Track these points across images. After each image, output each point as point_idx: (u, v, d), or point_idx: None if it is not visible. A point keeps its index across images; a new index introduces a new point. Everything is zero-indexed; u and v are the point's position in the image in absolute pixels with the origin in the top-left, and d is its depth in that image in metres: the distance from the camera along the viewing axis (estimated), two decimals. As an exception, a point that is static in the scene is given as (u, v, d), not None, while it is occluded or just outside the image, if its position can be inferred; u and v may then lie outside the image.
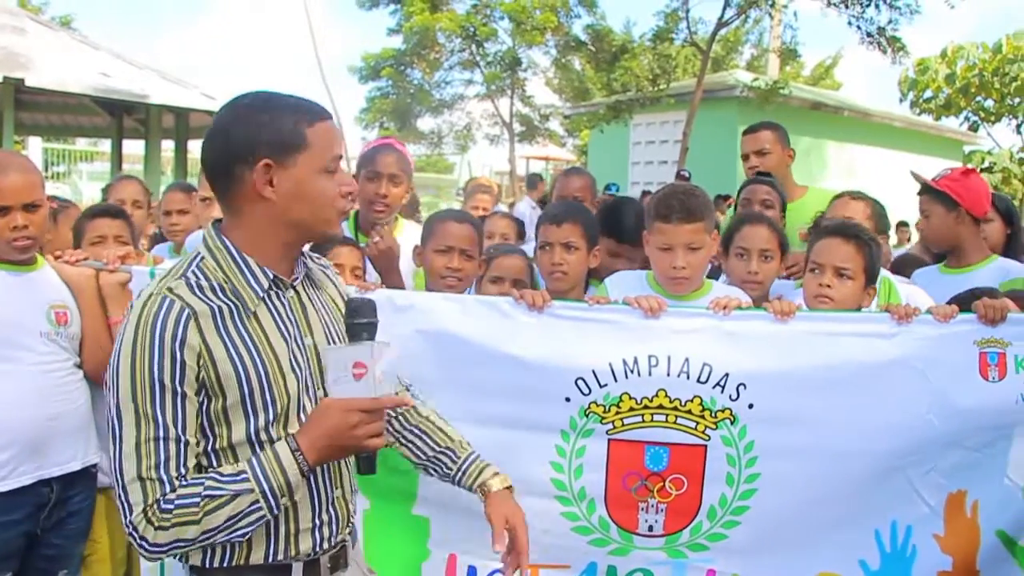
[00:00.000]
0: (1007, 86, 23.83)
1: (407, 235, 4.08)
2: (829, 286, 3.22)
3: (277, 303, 2.11)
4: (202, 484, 1.94)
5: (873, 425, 3.03)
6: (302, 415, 2.08)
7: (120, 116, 15.22)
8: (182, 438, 1.95)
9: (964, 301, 3.17)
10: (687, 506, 3.10)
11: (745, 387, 3.01)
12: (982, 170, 26.62)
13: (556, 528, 3.13)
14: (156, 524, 1.91)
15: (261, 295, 2.06)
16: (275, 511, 2.00)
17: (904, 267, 4.53)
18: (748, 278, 3.57)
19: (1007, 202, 4.79)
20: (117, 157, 15.79)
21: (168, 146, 16.75)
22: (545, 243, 3.53)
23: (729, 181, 14.43)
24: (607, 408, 3.06)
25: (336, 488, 2.22)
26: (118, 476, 1.94)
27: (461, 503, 3.11)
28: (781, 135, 4.83)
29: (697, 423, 3.05)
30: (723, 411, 3.03)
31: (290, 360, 2.07)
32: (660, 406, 3.05)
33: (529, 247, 4.02)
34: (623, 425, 3.07)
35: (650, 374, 3.02)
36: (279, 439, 2.03)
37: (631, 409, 3.06)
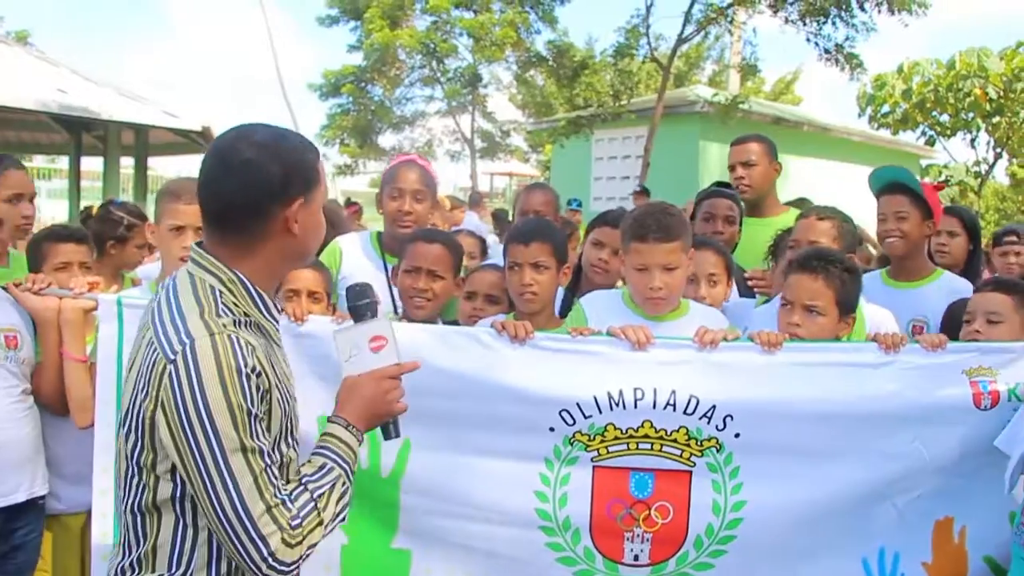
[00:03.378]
0: (961, 101, 24.21)
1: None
2: (799, 324, 3.16)
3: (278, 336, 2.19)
4: (306, 489, 2.05)
5: (861, 454, 3.01)
6: (293, 441, 2.15)
7: (79, 133, 14.93)
8: (276, 459, 2.03)
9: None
10: (673, 535, 3.05)
11: (732, 418, 2.98)
12: (939, 183, 27.07)
13: (540, 559, 3.08)
14: (294, 542, 1.98)
15: (277, 328, 2.15)
16: (353, 483, 2.17)
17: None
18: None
19: (973, 217, 4.81)
20: (75, 175, 15.51)
21: (128, 163, 16.50)
22: (514, 263, 3.45)
23: (691, 196, 14.47)
24: (592, 436, 3.01)
25: None
26: (240, 517, 1.92)
27: (444, 536, 3.10)
28: (769, 148, 4.79)
29: (683, 451, 3.01)
30: (709, 440, 3.00)
31: (293, 392, 2.17)
32: (645, 435, 3.01)
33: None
34: (608, 452, 3.02)
35: (635, 406, 2.97)
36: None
37: (616, 438, 3.01)
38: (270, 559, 1.95)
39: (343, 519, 2.16)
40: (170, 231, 3.22)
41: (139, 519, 2.06)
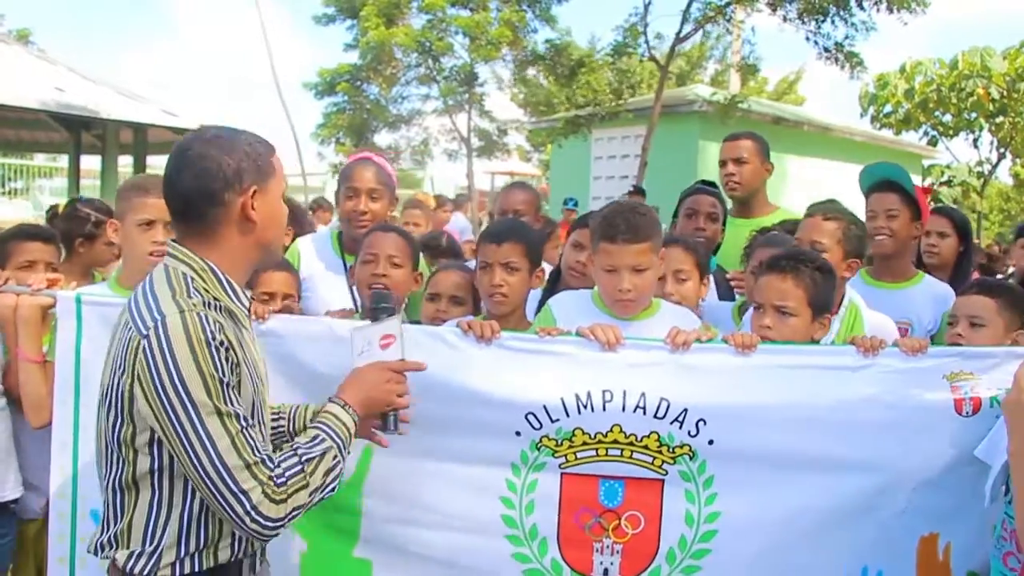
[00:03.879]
0: (963, 101, 24.09)
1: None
2: (770, 326, 3.05)
3: (248, 323, 2.34)
4: (295, 453, 2.20)
5: (839, 463, 2.89)
6: (261, 424, 2.26)
7: (78, 131, 14.97)
8: (254, 423, 2.17)
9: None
10: (644, 548, 2.94)
11: (705, 423, 2.87)
12: (941, 183, 26.94)
13: (506, 571, 2.98)
14: (277, 498, 2.10)
15: (247, 313, 2.30)
16: (345, 462, 2.31)
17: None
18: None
19: (964, 218, 4.73)
20: (75, 173, 15.56)
21: (126, 162, 16.47)
22: (485, 263, 3.34)
23: (690, 196, 14.36)
24: (559, 442, 2.90)
25: None
26: (220, 473, 2.05)
27: (406, 545, 3.01)
28: (762, 147, 4.71)
29: (654, 458, 2.90)
30: (681, 447, 2.89)
31: (262, 373, 2.32)
32: (615, 441, 2.90)
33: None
34: (576, 459, 2.92)
35: (604, 409, 2.87)
36: None
37: (584, 443, 2.91)
38: (253, 512, 2.07)
39: (332, 490, 2.26)
40: (139, 226, 3.13)
41: (118, 496, 2.20)
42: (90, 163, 16.35)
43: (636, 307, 3.17)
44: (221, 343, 2.10)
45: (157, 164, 17.91)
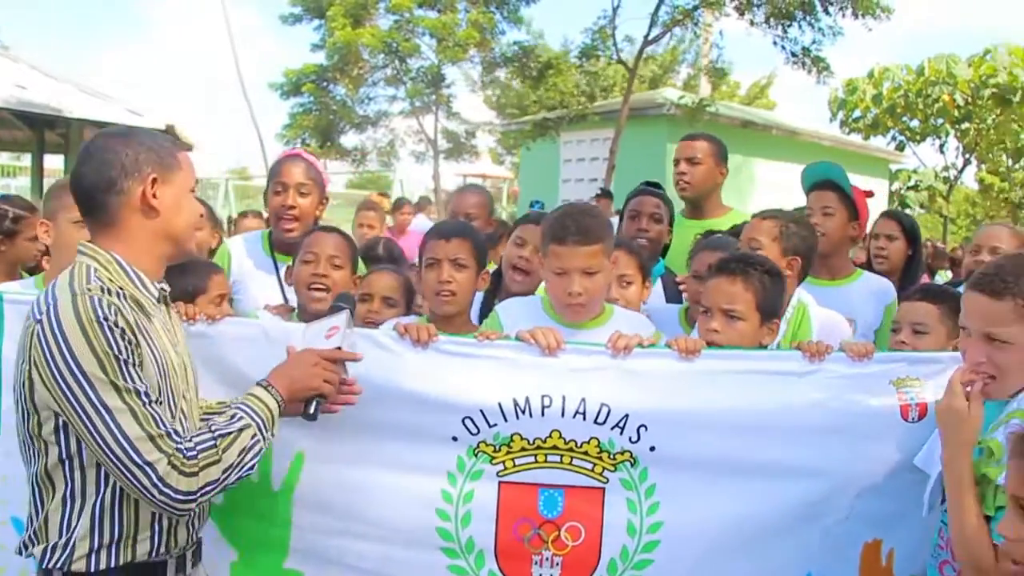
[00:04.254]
0: (930, 107, 24.35)
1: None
2: (717, 330, 2.98)
3: (159, 313, 2.34)
4: (208, 429, 2.22)
5: (784, 470, 2.83)
6: (181, 416, 2.29)
7: (41, 130, 14.71)
8: (159, 399, 2.18)
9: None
10: (585, 559, 2.85)
11: (646, 429, 2.79)
12: (908, 188, 27.21)
13: None
14: (187, 471, 2.11)
15: (154, 302, 2.31)
16: (267, 443, 2.32)
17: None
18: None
19: (912, 222, 4.75)
20: (38, 172, 15.25)
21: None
22: (432, 259, 3.22)
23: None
24: (497, 447, 2.82)
25: None
26: (123, 446, 2.07)
27: (338, 557, 2.92)
28: (718, 149, 4.65)
29: (594, 464, 2.82)
30: (622, 453, 2.81)
31: (175, 363, 2.32)
32: (554, 447, 2.81)
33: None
34: (515, 466, 2.83)
35: (543, 414, 2.78)
36: None
37: (523, 449, 2.82)
38: (160, 484, 2.08)
39: (250, 469, 2.27)
40: (75, 223, 3.04)
41: (38, 491, 2.23)
42: (54, 162, 16.10)
43: (586, 312, 3.08)
44: (116, 323, 2.11)
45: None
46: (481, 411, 2.79)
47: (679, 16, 16.59)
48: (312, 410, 2.47)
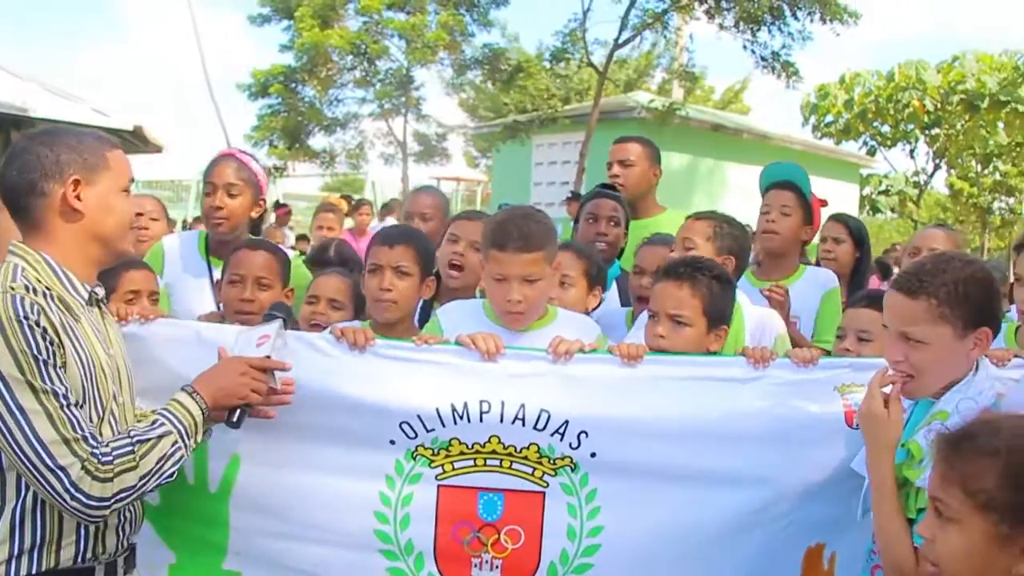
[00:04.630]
0: (900, 112, 24.58)
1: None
2: (663, 336, 2.95)
3: (89, 315, 2.32)
4: (127, 435, 2.19)
5: (727, 476, 2.80)
6: (111, 419, 2.27)
7: (7, 130, 14.49)
8: (78, 402, 2.13)
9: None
10: (524, 562, 2.82)
11: (587, 435, 2.76)
12: (879, 192, 27.44)
13: None
14: (102, 476, 2.08)
15: (83, 304, 2.28)
16: (189, 451, 2.30)
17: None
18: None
19: (859, 224, 4.79)
20: (3, 173, 15.01)
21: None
22: (374, 265, 3.17)
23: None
24: (436, 451, 2.79)
25: None
26: (36, 449, 2.04)
27: (278, 559, 2.88)
28: (651, 152, 4.68)
29: (534, 469, 2.79)
30: (563, 459, 2.78)
31: (105, 365, 2.29)
32: (493, 451, 2.79)
33: None
34: (454, 469, 2.80)
35: (481, 420, 2.75)
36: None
37: (462, 453, 2.79)
38: (72, 489, 2.05)
39: (170, 476, 2.25)
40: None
41: None
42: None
43: (525, 319, 3.05)
44: (37, 323, 2.09)
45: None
46: (419, 416, 2.76)
47: (649, 20, 16.63)
48: (235, 418, 2.44)
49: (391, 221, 11.57)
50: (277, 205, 13.89)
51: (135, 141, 13.85)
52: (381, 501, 2.82)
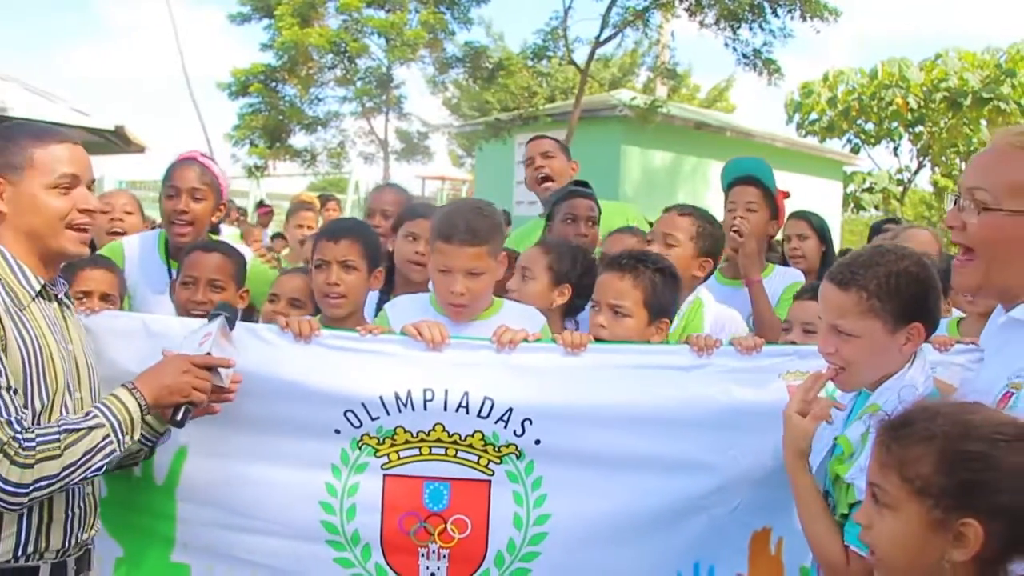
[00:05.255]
0: (884, 110, 24.70)
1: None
2: (603, 325, 2.98)
3: (45, 308, 2.32)
4: (56, 424, 2.16)
5: (673, 463, 2.81)
6: (63, 411, 2.25)
7: (-14, 129, 14.41)
8: (11, 386, 2.11)
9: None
10: (472, 552, 2.83)
11: (531, 422, 2.77)
12: (863, 190, 27.56)
13: (329, 575, 2.84)
14: (21, 461, 2.05)
15: (33, 295, 2.28)
16: (123, 446, 2.25)
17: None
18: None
19: (822, 221, 4.82)
20: (-19, 172, 14.88)
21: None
22: (320, 260, 3.19)
23: (612, 198, 14.46)
24: (381, 440, 2.79)
25: (88, 484, 2.35)
26: None
27: (226, 550, 2.89)
28: (562, 147, 4.97)
29: (480, 457, 2.80)
30: (507, 446, 2.79)
31: (59, 354, 2.28)
32: (438, 439, 2.79)
33: None
34: (399, 458, 2.81)
35: (425, 408, 2.76)
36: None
37: (407, 442, 2.80)
38: None
39: (97, 471, 2.22)
40: None
41: None
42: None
43: (468, 312, 3.08)
44: None
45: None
46: (363, 404, 2.77)
47: (630, 17, 16.64)
48: (180, 417, 2.43)
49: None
50: (260, 204, 13.83)
51: (117, 141, 13.77)
52: (327, 491, 2.82)
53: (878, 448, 1.78)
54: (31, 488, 2.07)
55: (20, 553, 2.18)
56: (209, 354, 2.47)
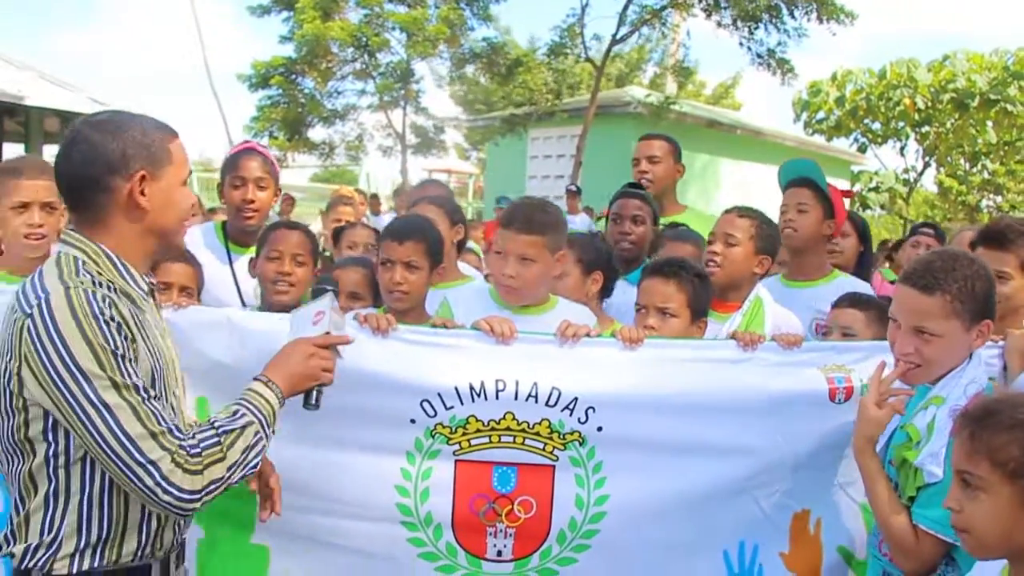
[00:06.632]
0: (891, 110, 24.77)
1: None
2: (652, 327, 3.21)
3: (150, 308, 2.29)
4: (211, 426, 2.14)
5: (721, 448, 3.03)
6: (172, 412, 2.22)
7: (0, 118, 14.48)
8: (155, 394, 2.10)
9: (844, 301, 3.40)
10: (536, 530, 3.03)
11: (594, 410, 2.96)
12: (870, 189, 27.66)
13: (402, 555, 3.03)
14: (191, 469, 2.04)
15: (144, 296, 2.25)
16: (270, 440, 2.25)
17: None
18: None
19: (863, 219, 4.91)
20: (-6, 161, 14.87)
21: (52, 151, 16.03)
22: (387, 260, 3.40)
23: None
24: (453, 429, 2.97)
25: None
26: (124, 445, 1.99)
27: (303, 532, 3.05)
28: (674, 148, 4.81)
29: (545, 444, 2.99)
30: (572, 433, 2.97)
31: (167, 353, 2.27)
32: (508, 428, 2.97)
33: None
34: (470, 446, 2.99)
35: (497, 397, 2.94)
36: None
37: (478, 430, 2.97)
38: (164, 483, 2.01)
39: (254, 467, 2.22)
40: (13, 209, 3.10)
41: (19, 490, 2.14)
42: (13, 151, 15.87)
43: (518, 296, 3.28)
44: (112, 318, 2.04)
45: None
46: (439, 393, 2.94)
47: (647, 16, 16.80)
48: (314, 400, 2.47)
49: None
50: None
51: (133, 130, 13.80)
52: (402, 476, 3.00)
53: (963, 438, 1.98)
54: (203, 493, 2.07)
55: (140, 554, 2.22)
56: (328, 333, 2.46)
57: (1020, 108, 23.39)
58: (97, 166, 2.14)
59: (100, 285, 2.10)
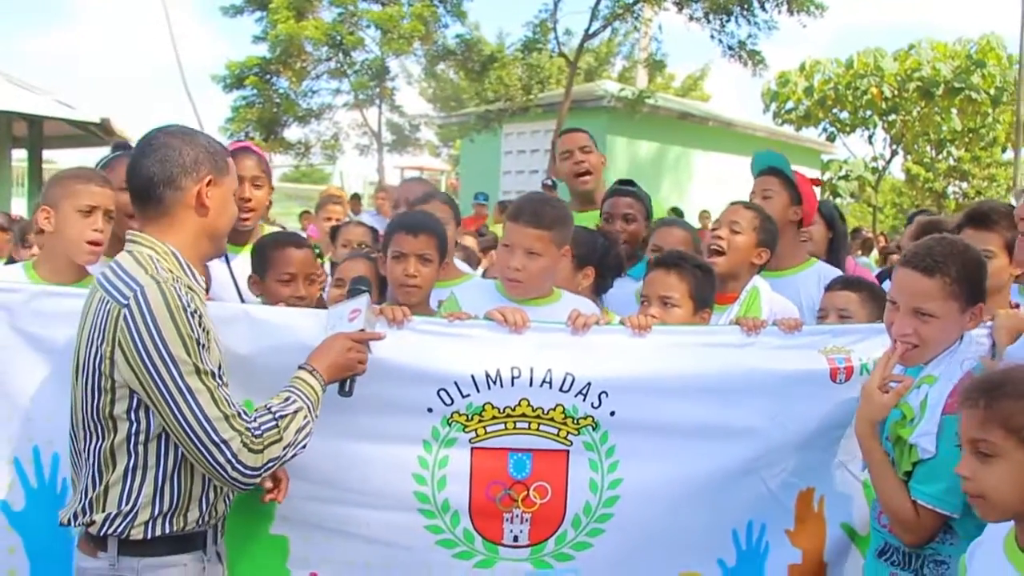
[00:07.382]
0: (859, 99, 25.07)
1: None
2: (656, 317, 3.28)
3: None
4: (268, 411, 2.42)
5: (729, 429, 3.12)
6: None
7: (-33, 123, 14.24)
8: (226, 382, 2.39)
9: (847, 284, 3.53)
10: (552, 515, 3.10)
11: (607, 395, 3.04)
12: (840, 178, 27.99)
13: (420, 543, 3.09)
14: (256, 448, 2.33)
15: (200, 296, 2.45)
16: (314, 424, 2.52)
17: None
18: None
19: (831, 208, 4.91)
20: (-35, 164, 14.74)
21: (20, 155, 15.85)
22: (399, 253, 3.45)
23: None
24: (469, 417, 3.03)
25: None
26: (203, 425, 2.27)
27: (322, 521, 3.09)
28: (593, 139, 4.88)
29: (559, 429, 3.06)
30: (585, 418, 3.05)
31: (222, 346, 2.53)
32: (523, 414, 3.04)
33: None
34: (486, 433, 3.05)
35: (512, 384, 3.01)
36: None
37: (494, 417, 3.04)
38: (234, 460, 2.29)
39: (303, 447, 2.49)
40: (78, 211, 3.14)
41: (97, 464, 2.39)
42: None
43: (524, 289, 3.35)
44: (195, 311, 2.33)
45: (55, 159, 17.05)
46: (455, 382, 3.00)
47: (619, 10, 16.89)
48: (348, 388, 2.73)
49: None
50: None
51: (102, 134, 13.61)
52: (419, 464, 3.05)
53: (974, 408, 2.07)
54: (262, 469, 2.37)
55: (200, 522, 2.47)
56: (363, 330, 2.72)
57: (983, 96, 23.79)
58: (174, 166, 2.45)
59: (177, 280, 2.36)
